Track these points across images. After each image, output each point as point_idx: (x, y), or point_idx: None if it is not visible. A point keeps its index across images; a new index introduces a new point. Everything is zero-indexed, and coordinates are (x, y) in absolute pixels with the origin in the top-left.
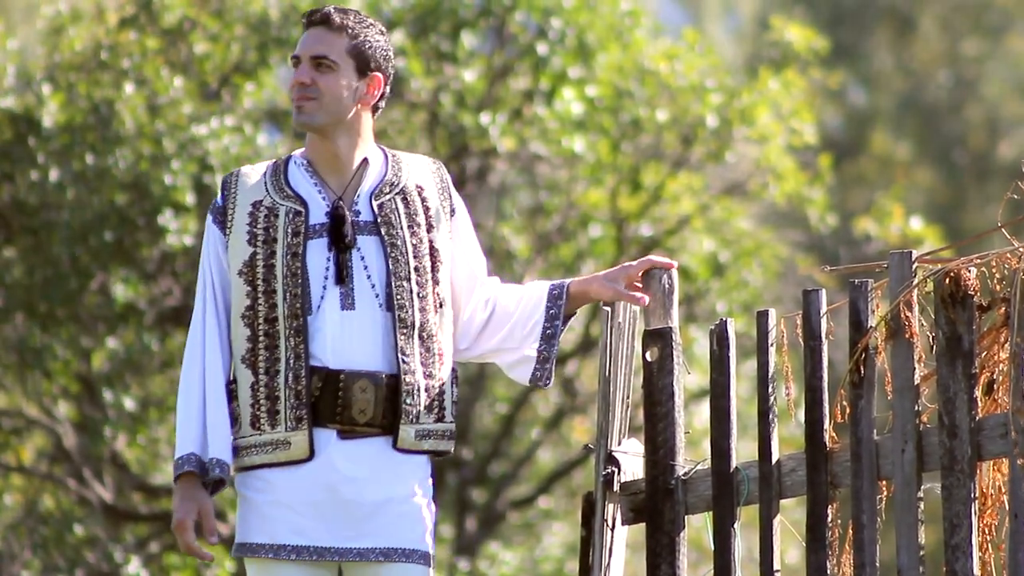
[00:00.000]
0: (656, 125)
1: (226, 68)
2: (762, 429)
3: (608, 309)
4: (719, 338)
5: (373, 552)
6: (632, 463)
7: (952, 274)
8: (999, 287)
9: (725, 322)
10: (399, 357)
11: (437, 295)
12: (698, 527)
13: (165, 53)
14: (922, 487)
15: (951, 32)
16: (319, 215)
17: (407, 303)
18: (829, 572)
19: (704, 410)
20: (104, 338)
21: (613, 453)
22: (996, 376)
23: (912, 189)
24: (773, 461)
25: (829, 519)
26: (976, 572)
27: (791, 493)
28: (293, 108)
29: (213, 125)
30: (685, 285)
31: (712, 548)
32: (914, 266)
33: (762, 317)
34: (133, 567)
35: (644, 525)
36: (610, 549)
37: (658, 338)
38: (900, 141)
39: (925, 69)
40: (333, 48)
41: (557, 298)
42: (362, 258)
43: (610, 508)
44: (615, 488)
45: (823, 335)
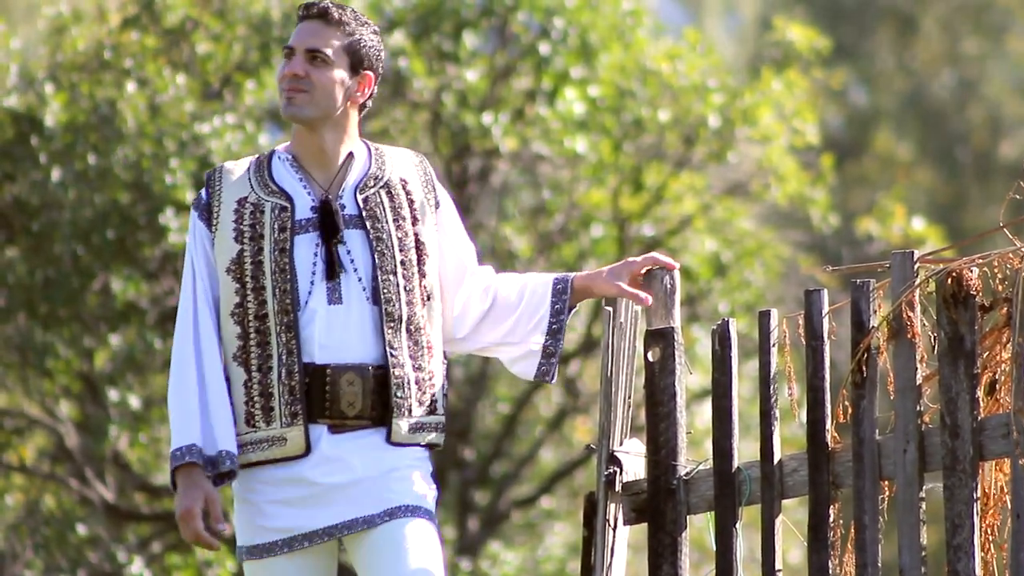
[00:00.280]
0: (658, 125)
1: (228, 68)
2: (764, 429)
3: (610, 309)
4: (721, 338)
5: (378, 516)
6: (634, 463)
7: (954, 274)
8: (1001, 287)
9: (727, 322)
10: (387, 351)
11: (424, 288)
12: (700, 527)
13: (167, 53)
14: (924, 487)
15: (952, 32)
16: (305, 210)
17: (394, 297)
18: (831, 572)
19: (706, 410)
20: (106, 337)
21: (615, 453)
22: (998, 376)
23: (914, 189)
24: (775, 461)
25: (831, 519)
26: (978, 572)
27: (793, 493)
28: (282, 98)
29: (215, 124)
30: (687, 285)
31: (714, 548)
32: (916, 266)
33: (764, 317)
34: (136, 567)
35: (646, 525)
36: (612, 549)
37: (660, 338)
38: (902, 141)
39: (926, 69)
40: (329, 43)
41: (562, 292)
42: (348, 252)
43: (612, 508)
44: (617, 488)
45: (825, 335)
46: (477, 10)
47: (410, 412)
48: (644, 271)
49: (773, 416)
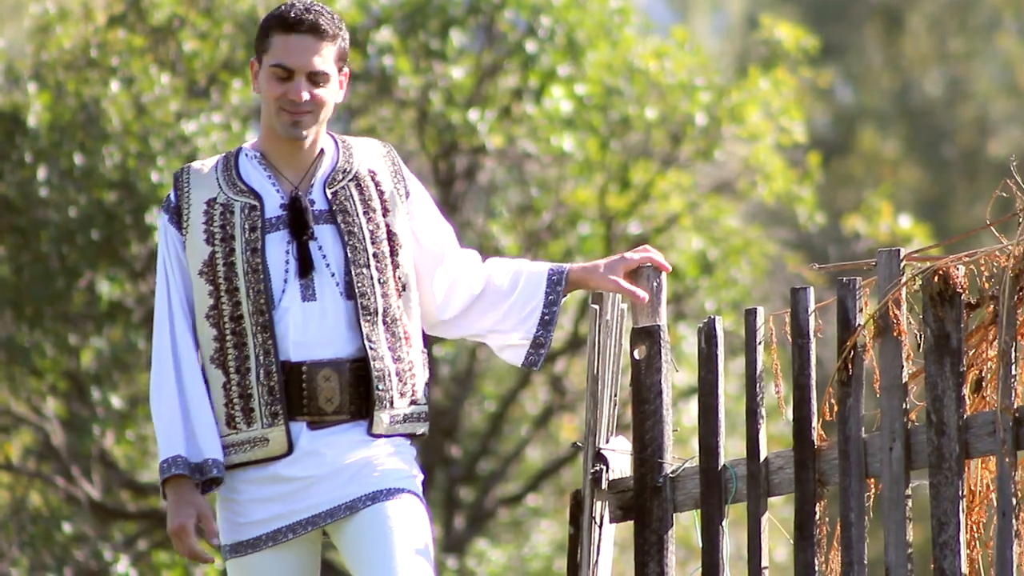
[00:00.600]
0: (645, 123)
1: (215, 66)
2: (750, 427)
3: (596, 307)
4: (707, 336)
5: (360, 500)
6: (620, 461)
7: (940, 272)
8: (988, 285)
9: (713, 320)
10: (366, 344)
11: (398, 279)
12: (686, 525)
13: (154, 51)
14: (910, 485)
15: (940, 30)
16: (274, 208)
17: (368, 290)
18: (817, 570)
19: (692, 408)
20: (92, 336)
21: (601, 451)
22: (984, 374)
23: (901, 187)
24: (761, 459)
25: (817, 517)
26: (964, 570)
27: (779, 491)
28: (282, 118)
29: (201, 122)
30: (674, 283)
31: (700, 546)
32: (902, 264)
33: (750, 315)
34: (122, 565)
35: (632, 523)
36: (598, 547)
37: (646, 336)
38: (889, 139)
39: (914, 67)
40: (326, 59)
41: (556, 284)
42: (320, 247)
43: (598, 506)
44: (603, 486)
45: (811, 333)
46: (464, 8)
47: (392, 404)
48: (633, 267)
49: (759, 414)
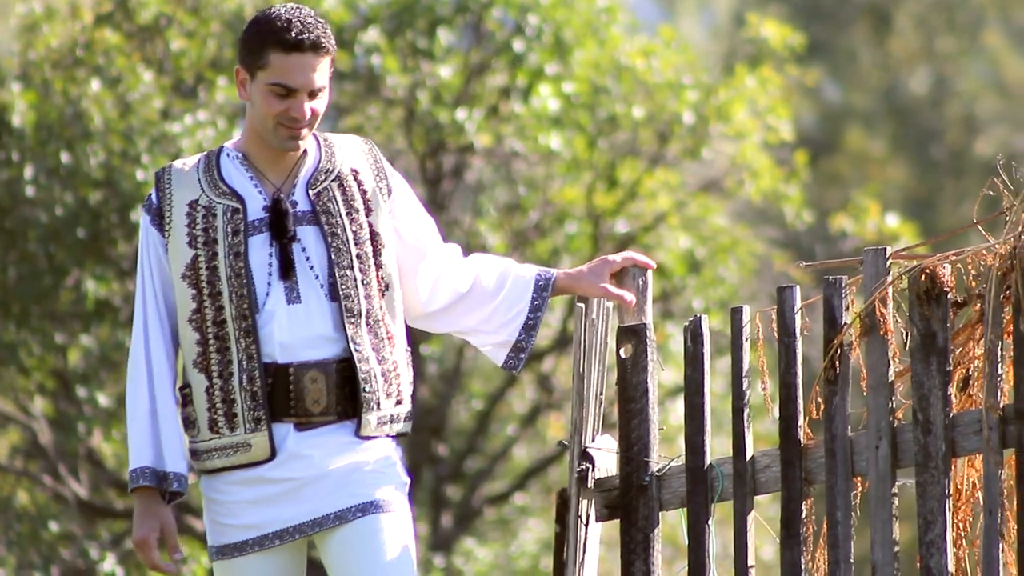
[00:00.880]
0: (632, 122)
1: (202, 65)
2: (736, 425)
3: (582, 306)
4: (693, 334)
5: (350, 512)
6: (606, 459)
7: (927, 270)
8: (974, 283)
9: (699, 318)
10: (351, 346)
11: (381, 279)
12: (672, 523)
13: (142, 50)
14: (896, 483)
15: (927, 29)
16: (257, 210)
17: (352, 292)
18: (803, 568)
19: (679, 406)
20: (79, 335)
21: (587, 449)
22: (971, 372)
23: (888, 186)
24: (747, 457)
25: (803, 515)
26: (951, 568)
27: (765, 489)
28: (280, 133)
29: (187, 121)
30: (661, 281)
31: (686, 544)
32: (889, 262)
33: (736, 314)
34: (108, 564)
35: (618, 521)
36: (584, 545)
37: (632, 335)
38: (876, 138)
39: (901, 66)
40: (324, 73)
41: (543, 289)
42: (303, 249)
43: (584, 504)
44: (589, 484)
45: (798, 331)
46: (451, 7)
47: (379, 405)
48: (617, 269)
49: (746, 412)
